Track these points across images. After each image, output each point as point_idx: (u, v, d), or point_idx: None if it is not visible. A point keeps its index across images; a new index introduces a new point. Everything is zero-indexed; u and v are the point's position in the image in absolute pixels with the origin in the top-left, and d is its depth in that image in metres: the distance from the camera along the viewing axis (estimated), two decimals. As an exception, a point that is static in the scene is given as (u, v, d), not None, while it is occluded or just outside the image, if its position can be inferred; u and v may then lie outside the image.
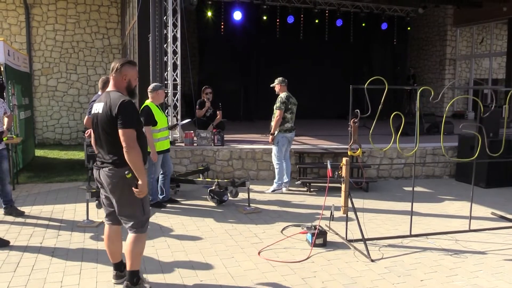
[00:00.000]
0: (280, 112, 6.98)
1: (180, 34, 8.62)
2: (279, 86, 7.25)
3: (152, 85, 6.16)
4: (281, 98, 7.09)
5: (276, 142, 7.09)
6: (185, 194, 6.98)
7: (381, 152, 8.21)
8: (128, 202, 3.33)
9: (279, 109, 7.00)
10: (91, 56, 13.75)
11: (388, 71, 15.16)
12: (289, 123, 7.11)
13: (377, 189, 7.47)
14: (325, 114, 15.01)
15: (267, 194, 7.01)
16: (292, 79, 14.39)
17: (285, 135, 7.09)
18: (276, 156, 7.14)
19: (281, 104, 7.03)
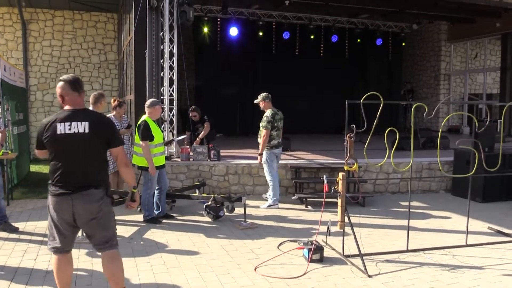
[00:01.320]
0: (267, 132, 7.03)
1: (177, 50, 8.68)
2: (263, 102, 7.27)
3: (149, 101, 6.20)
4: (267, 117, 7.11)
5: (265, 160, 7.15)
6: (181, 209, 6.95)
7: (378, 167, 8.23)
8: (110, 223, 3.26)
9: (265, 128, 7.05)
10: (88, 72, 13.80)
11: (383, 86, 15.29)
12: (275, 139, 7.16)
13: (373, 204, 7.47)
14: (321, 129, 15.08)
15: (263, 210, 6.99)
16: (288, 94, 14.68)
17: (272, 151, 7.15)
18: (269, 173, 7.18)
19: (267, 123, 7.07)
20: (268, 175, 7.21)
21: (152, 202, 6.18)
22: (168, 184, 6.63)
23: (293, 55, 14.71)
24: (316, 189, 8.11)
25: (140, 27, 8.22)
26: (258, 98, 7.34)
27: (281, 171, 8.08)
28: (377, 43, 15.17)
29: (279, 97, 14.08)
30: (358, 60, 15.56)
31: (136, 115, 8.03)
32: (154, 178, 6.06)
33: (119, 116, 7.09)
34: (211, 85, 13.73)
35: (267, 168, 7.20)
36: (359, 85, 15.25)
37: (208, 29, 13.30)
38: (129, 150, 7.16)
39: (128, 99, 10.73)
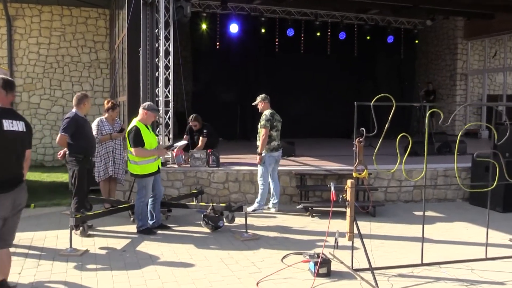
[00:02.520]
0: (266, 130, 7.20)
1: (173, 48, 8.72)
2: (262, 103, 7.46)
3: (148, 103, 6.24)
4: (265, 116, 7.29)
5: (262, 162, 7.25)
6: (177, 219, 6.95)
7: (389, 174, 8.22)
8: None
9: (264, 127, 7.22)
10: (77, 71, 13.85)
11: (395, 86, 15.29)
12: (276, 141, 7.33)
13: (385, 214, 7.46)
14: (328, 132, 15.07)
15: (265, 219, 6.99)
16: (292, 96, 14.71)
17: (272, 155, 7.29)
18: (262, 176, 7.30)
19: (266, 122, 7.24)
20: (260, 179, 7.32)
21: (146, 211, 6.19)
22: (163, 192, 6.63)
23: (297, 54, 14.74)
24: (323, 197, 8.10)
25: (133, 23, 8.26)
26: (256, 100, 7.50)
27: (285, 178, 8.09)
28: (388, 40, 15.18)
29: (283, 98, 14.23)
30: (367, 58, 15.57)
31: (129, 117, 8.05)
32: (147, 186, 6.07)
33: (111, 119, 7.12)
34: (210, 86, 13.75)
35: (261, 171, 7.30)
36: (368, 85, 15.25)
37: (206, 25, 13.34)
38: (121, 156, 7.17)
39: (120, 100, 10.76)
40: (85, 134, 6.01)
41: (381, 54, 15.64)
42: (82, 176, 5.97)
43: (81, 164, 5.92)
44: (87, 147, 6.03)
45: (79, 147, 5.94)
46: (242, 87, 14.25)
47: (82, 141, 5.94)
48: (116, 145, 7.12)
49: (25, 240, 5.79)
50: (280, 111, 7.64)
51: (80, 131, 5.92)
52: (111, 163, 7.02)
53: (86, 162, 5.99)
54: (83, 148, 5.97)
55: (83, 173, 5.97)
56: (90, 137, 6.15)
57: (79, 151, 5.94)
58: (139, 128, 5.95)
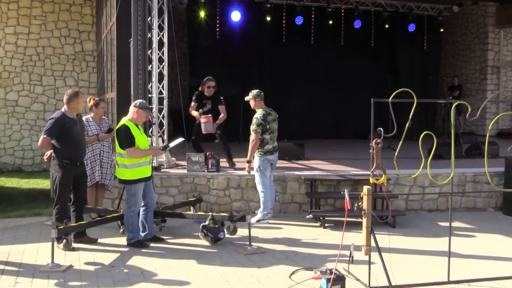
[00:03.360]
0: (256, 136, 7.27)
1: (167, 38, 8.73)
2: (254, 101, 7.51)
3: (140, 101, 6.27)
4: (256, 119, 7.32)
5: (257, 167, 7.32)
6: (172, 230, 6.96)
7: (411, 179, 8.21)
8: None
9: (255, 132, 7.27)
10: (60, 65, 13.91)
11: (417, 81, 15.25)
12: (270, 144, 7.37)
13: (406, 225, 7.44)
14: (342, 133, 15.06)
15: (271, 231, 7.00)
16: (301, 91, 14.72)
17: (266, 158, 7.35)
18: (261, 183, 7.34)
19: (257, 126, 7.28)
20: (260, 185, 7.35)
21: (137, 222, 6.20)
22: (156, 200, 6.65)
23: (307, 45, 14.73)
24: (336, 206, 8.09)
25: (123, 11, 8.28)
26: (248, 95, 7.53)
27: (293, 184, 8.10)
28: (409, 29, 15.14)
29: (291, 94, 14.30)
30: (386, 50, 15.54)
31: (118, 117, 8.07)
32: (138, 193, 6.08)
33: (97, 118, 7.14)
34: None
35: (259, 177, 7.34)
36: (387, 80, 15.23)
37: (205, 13, 13.35)
38: (110, 159, 7.19)
39: (108, 97, 10.80)
40: (73, 138, 5.95)
41: (402, 45, 15.60)
42: (65, 183, 5.97)
43: (64, 169, 5.92)
44: (74, 152, 5.99)
45: (65, 152, 5.93)
46: (245, 82, 14.23)
47: (68, 146, 5.91)
48: (104, 147, 7.14)
49: (1, 254, 5.81)
50: (288, 108, 7.65)
51: (67, 134, 5.89)
52: (98, 167, 7.04)
53: (71, 168, 5.96)
54: (69, 153, 5.94)
55: (66, 180, 5.96)
56: (79, 141, 6.08)
57: (64, 156, 5.94)
58: (128, 126, 5.97)
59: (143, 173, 6.10)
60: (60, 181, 5.95)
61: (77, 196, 6.19)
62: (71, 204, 6.17)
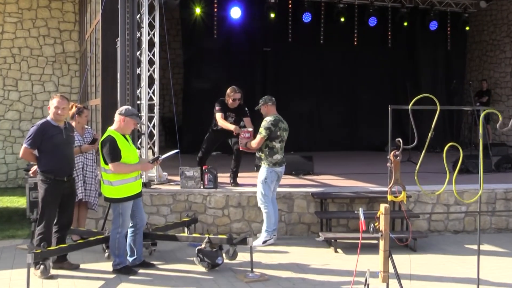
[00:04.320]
0: (260, 139, 7.35)
1: (159, 38, 8.78)
2: (266, 106, 7.57)
3: (125, 107, 6.27)
4: (265, 122, 7.40)
5: (263, 179, 7.34)
6: (164, 255, 6.95)
7: (434, 197, 8.20)
8: None
9: (261, 136, 7.35)
10: (38, 68, 13.94)
11: (440, 86, 15.30)
12: (279, 154, 7.43)
13: (428, 248, 7.43)
14: (356, 144, 15.07)
15: (276, 255, 6.98)
16: (309, 97, 14.75)
17: (274, 169, 7.40)
18: (264, 196, 7.36)
19: (264, 130, 7.34)
20: (263, 199, 7.38)
21: (124, 245, 6.19)
22: (146, 221, 6.64)
23: (316, 45, 14.79)
24: (349, 226, 8.08)
25: (109, 7, 8.34)
26: (259, 103, 7.61)
27: (300, 202, 8.09)
28: (430, 27, 15.20)
29: (298, 101, 14.33)
30: (404, 50, 15.60)
31: (103, 125, 8.11)
32: (126, 213, 6.07)
33: (80, 128, 7.16)
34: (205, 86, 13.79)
35: (262, 189, 7.36)
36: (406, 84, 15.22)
37: (201, 10, 13.43)
38: (94, 174, 7.20)
39: (92, 104, 10.84)
40: (57, 148, 5.93)
41: (422, 45, 15.66)
42: (49, 201, 5.94)
43: (48, 185, 5.89)
44: (59, 165, 5.96)
45: (48, 165, 5.91)
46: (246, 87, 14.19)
47: (52, 157, 5.89)
48: (87, 160, 7.15)
49: (-28, 281, 5.81)
50: (294, 116, 7.67)
51: (50, 143, 5.88)
52: (80, 183, 7.04)
53: (57, 184, 5.94)
54: (53, 167, 5.91)
55: (50, 197, 5.92)
56: (65, 153, 6.03)
57: (47, 170, 5.91)
58: (115, 137, 5.97)
59: (131, 190, 6.10)
60: (44, 199, 5.92)
61: (62, 216, 6.16)
62: (54, 224, 6.15)
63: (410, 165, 9.64)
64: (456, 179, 5.18)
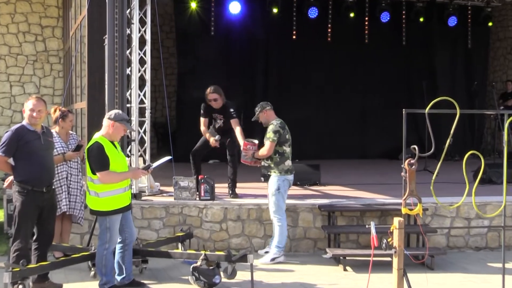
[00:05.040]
0: (271, 145, 7.33)
1: (151, 35, 8.80)
2: (265, 113, 7.58)
3: (115, 112, 6.26)
4: (273, 126, 7.41)
5: (275, 189, 7.33)
6: (155, 273, 6.94)
7: (453, 210, 8.20)
8: None
9: (271, 140, 7.33)
10: (18, 67, 13.96)
11: (459, 87, 15.31)
12: (289, 160, 7.48)
13: (447, 266, 7.42)
14: (366, 152, 15.07)
15: (278, 274, 6.97)
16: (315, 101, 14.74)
17: (286, 177, 7.43)
18: (278, 208, 7.37)
19: (274, 134, 7.34)
20: (277, 211, 7.37)
21: (112, 262, 6.18)
22: (136, 236, 6.64)
23: (323, 43, 14.81)
24: (360, 242, 8.08)
25: (96, 1, 8.36)
26: (255, 113, 7.65)
27: (306, 215, 8.09)
28: (449, 23, 15.22)
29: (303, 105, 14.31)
30: (420, 49, 15.60)
31: (89, 131, 8.11)
32: (113, 227, 6.06)
33: (64, 133, 7.16)
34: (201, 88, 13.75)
35: (276, 200, 7.35)
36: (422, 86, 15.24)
37: (196, 4, 13.46)
38: (79, 184, 7.19)
39: (77, 107, 10.86)
40: (34, 156, 5.90)
41: (440, 43, 15.66)
42: (25, 214, 5.92)
43: (25, 197, 5.88)
44: (37, 175, 5.94)
45: (24, 174, 5.89)
46: (246, 89, 14.32)
47: (28, 166, 5.87)
48: (71, 169, 7.15)
49: None
50: (299, 122, 7.69)
51: (26, 150, 5.87)
52: (64, 194, 7.03)
53: (34, 196, 5.92)
54: (30, 176, 5.89)
55: (27, 210, 5.90)
56: (44, 161, 5.99)
57: (24, 180, 5.88)
58: (102, 144, 5.97)
59: (119, 202, 6.08)
60: (20, 212, 5.89)
61: (42, 231, 6.13)
62: (34, 240, 6.13)
63: (427, 175, 9.64)
64: (478, 190, 5.19)
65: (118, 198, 6.07)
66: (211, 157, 13.10)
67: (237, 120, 8.57)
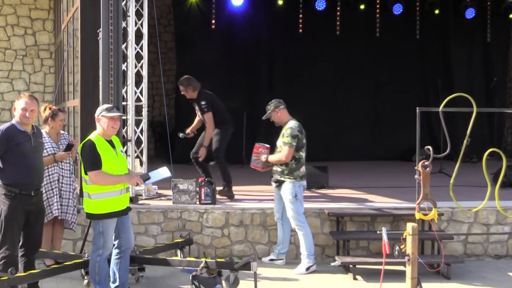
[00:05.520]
0: (290, 151, 7.29)
1: (148, 28, 8.81)
2: (278, 112, 7.54)
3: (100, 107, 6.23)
4: (291, 129, 7.36)
5: (293, 196, 7.32)
6: (153, 282, 6.95)
7: (471, 215, 8.19)
8: None
9: (289, 146, 7.28)
10: (6, 63, 13.98)
11: (477, 84, 15.28)
12: (304, 165, 7.53)
13: (465, 275, 7.41)
14: (378, 153, 15.05)
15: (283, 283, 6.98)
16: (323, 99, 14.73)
17: (301, 183, 7.47)
18: (299, 215, 7.37)
19: (292, 138, 7.30)
20: (299, 219, 7.35)
21: (105, 270, 6.16)
22: (133, 242, 6.64)
23: (331, 37, 14.81)
24: (371, 249, 8.08)
25: (90, -8, 8.39)
26: (267, 110, 7.59)
27: (313, 220, 8.09)
28: (466, 15, 15.20)
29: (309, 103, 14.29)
30: (435, 43, 15.58)
31: (82, 130, 8.12)
32: (108, 231, 6.04)
33: (54, 133, 7.14)
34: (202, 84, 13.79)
35: (295, 207, 7.33)
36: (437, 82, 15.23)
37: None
38: (72, 187, 7.18)
39: (69, 106, 10.87)
40: (24, 158, 5.89)
41: (456, 37, 15.63)
42: (12, 219, 5.92)
43: (12, 201, 5.88)
44: (26, 178, 5.93)
45: (13, 177, 5.88)
46: (249, 86, 14.33)
47: (17, 168, 5.85)
48: (63, 171, 7.13)
49: None
50: (306, 121, 7.67)
51: (16, 152, 5.85)
52: (56, 198, 7.02)
53: (22, 200, 5.92)
54: (19, 179, 5.88)
55: (15, 214, 5.90)
56: (33, 163, 5.98)
57: (12, 183, 5.88)
58: (94, 143, 5.95)
59: (113, 205, 6.03)
60: (7, 216, 5.89)
61: (28, 237, 6.13)
62: (19, 247, 6.13)
63: (442, 177, 9.64)
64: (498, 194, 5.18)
65: (111, 201, 6.00)
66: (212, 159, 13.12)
67: (209, 115, 8.69)
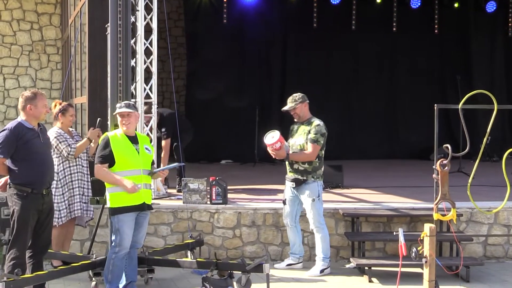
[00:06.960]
0: (316, 148, 7.23)
1: (157, 23, 8.83)
2: (303, 105, 7.46)
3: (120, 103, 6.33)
4: (319, 126, 7.33)
5: (317, 196, 7.29)
6: (162, 284, 6.97)
7: (491, 215, 8.16)
8: None
9: (316, 143, 7.23)
10: (12, 59, 14.02)
11: (498, 81, 15.20)
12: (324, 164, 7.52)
13: (484, 278, 7.38)
14: (394, 151, 15.02)
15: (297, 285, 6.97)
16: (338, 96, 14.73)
17: (322, 183, 7.47)
18: (321, 217, 7.35)
19: (321, 136, 7.27)
20: (319, 218, 7.34)
21: (120, 269, 6.12)
22: (141, 241, 6.64)
23: (347, 32, 14.78)
24: (387, 251, 8.07)
25: (98, -14, 8.43)
26: (289, 103, 7.47)
27: (328, 221, 8.03)
28: (487, 9, 15.14)
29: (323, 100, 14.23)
30: (455, 37, 15.53)
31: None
32: (124, 228, 6.01)
33: (66, 129, 7.11)
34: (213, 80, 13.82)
35: (318, 207, 7.32)
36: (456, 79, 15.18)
37: (207, -11, 13.52)
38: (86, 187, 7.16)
39: (77, 102, 10.92)
40: (36, 156, 5.92)
41: (477, 31, 15.57)
42: (25, 219, 5.93)
43: (25, 200, 5.87)
44: (38, 176, 5.94)
45: (25, 176, 5.88)
46: (262, 82, 14.32)
47: (29, 167, 5.86)
48: (83, 168, 7.15)
49: None
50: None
51: (27, 150, 5.85)
52: (78, 197, 7.03)
53: (35, 199, 5.94)
54: (31, 178, 5.89)
55: (28, 214, 5.91)
56: (44, 160, 6.05)
57: (23, 182, 5.89)
58: (109, 138, 6.03)
59: (126, 199, 6.01)
60: (19, 217, 5.87)
61: (37, 238, 6.14)
62: (28, 248, 6.14)
63: (461, 177, 9.60)
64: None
65: (123, 194, 6.03)
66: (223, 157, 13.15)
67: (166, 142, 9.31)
